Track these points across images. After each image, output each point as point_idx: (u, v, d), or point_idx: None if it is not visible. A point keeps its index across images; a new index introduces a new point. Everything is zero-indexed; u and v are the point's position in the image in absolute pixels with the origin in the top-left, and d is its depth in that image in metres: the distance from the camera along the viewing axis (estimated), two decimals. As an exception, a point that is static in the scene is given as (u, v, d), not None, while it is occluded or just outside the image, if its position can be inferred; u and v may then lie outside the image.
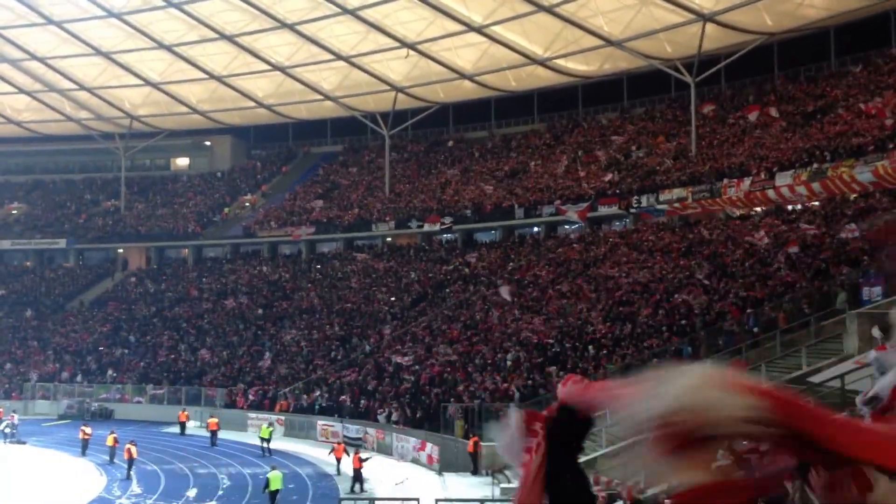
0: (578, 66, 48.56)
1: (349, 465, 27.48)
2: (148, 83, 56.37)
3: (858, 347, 20.82)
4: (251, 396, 40.84)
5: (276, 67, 52.75)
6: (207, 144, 67.23)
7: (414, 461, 30.74)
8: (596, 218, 42.70)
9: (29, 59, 55.07)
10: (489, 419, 29.19)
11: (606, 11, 42.30)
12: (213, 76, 54.56)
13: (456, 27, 45.93)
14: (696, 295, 30.13)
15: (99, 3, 49.12)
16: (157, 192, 65.14)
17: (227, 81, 55.13)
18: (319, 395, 38.19)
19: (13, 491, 27.03)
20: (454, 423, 30.28)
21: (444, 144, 58.60)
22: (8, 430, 37.22)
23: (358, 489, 26.44)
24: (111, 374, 47.08)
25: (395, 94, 52.78)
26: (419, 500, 22.36)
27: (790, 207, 34.89)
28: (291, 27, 48.52)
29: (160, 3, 48.06)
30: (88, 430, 34.18)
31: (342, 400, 36.81)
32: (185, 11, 48.36)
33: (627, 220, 42.14)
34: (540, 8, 42.65)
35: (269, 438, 33.61)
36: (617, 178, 42.97)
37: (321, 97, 55.49)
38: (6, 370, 49.09)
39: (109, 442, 31.85)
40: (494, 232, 48.55)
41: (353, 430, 34.78)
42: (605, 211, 42.08)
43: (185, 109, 58.92)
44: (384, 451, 32.68)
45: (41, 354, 50.28)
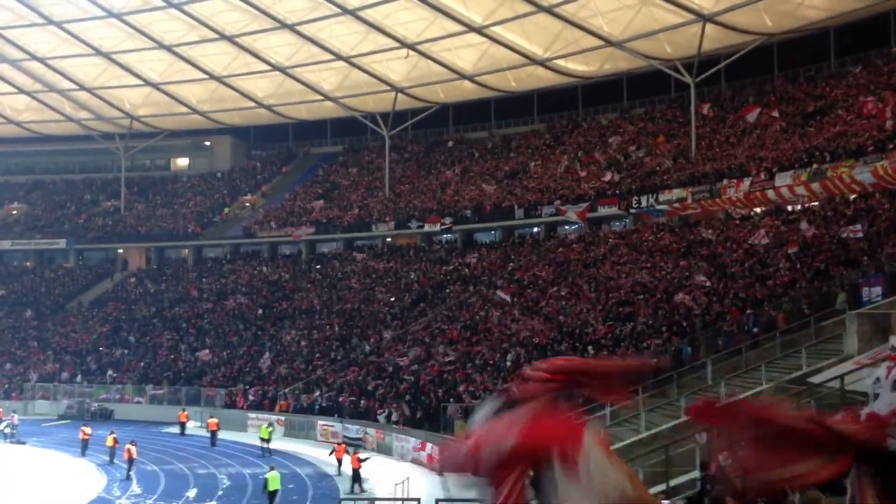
0: (578, 66, 48.56)
1: (350, 465, 27.52)
2: (148, 83, 56.37)
3: (858, 348, 20.80)
4: (251, 397, 40.86)
5: (276, 68, 52.75)
6: (207, 145, 67.23)
7: (414, 461, 30.75)
8: (596, 218, 42.69)
9: (29, 59, 55.07)
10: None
11: (606, 12, 42.29)
12: (213, 76, 54.56)
13: (456, 27, 45.92)
14: (696, 296, 30.14)
15: (99, 3, 49.12)
16: (157, 192, 65.13)
17: (227, 82, 55.13)
18: (319, 395, 38.21)
19: (13, 491, 27.05)
20: (454, 423, 30.30)
21: (443, 145, 58.58)
22: (8, 430, 37.26)
23: (357, 489, 26.46)
24: (111, 374, 47.10)
25: (395, 94, 52.78)
26: (420, 500, 22.36)
27: (790, 208, 34.90)
28: (291, 27, 48.52)
29: (160, 3, 48.05)
30: (88, 430, 34.22)
31: (342, 400, 36.84)
32: (185, 12, 48.36)
33: (627, 220, 42.15)
34: (540, 8, 42.65)
35: (268, 439, 33.64)
36: (617, 178, 42.97)
37: (321, 97, 55.49)
38: (6, 370, 49.12)
39: (109, 442, 31.89)
40: (494, 232, 48.54)
41: (352, 430, 34.80)
42: (604, 211, 42.08)
43: (185, 110, 58.92)
44: (384, 451, 32.70)
45: (41, 355, 50.30)
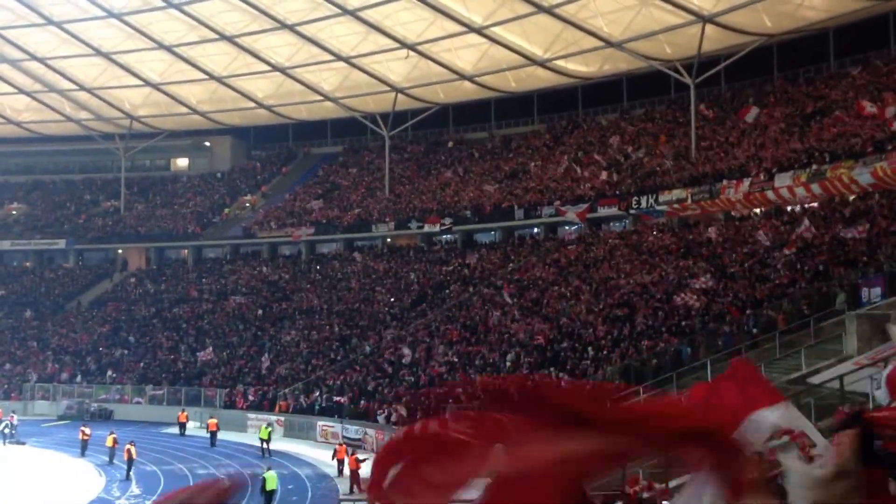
0: (578, 67, 48.56)
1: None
2: (148, 84, 56.36)
3: (858, 348, 20.82)
4: (251, 397, 40.86)
5: (276, 68, 52.74)
6: (207, 145, 67.22)
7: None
8: (595, 219, 42.69)
9: (29, 59, 55.05)
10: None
11: (606, 13, 42.29)
12: (213, 77, 54.56)
13: (456, 28, 45.92)
14: (696, 296, 30.15)
15: (99, 3, 49.10)
16: (156, 192, 65.12)
17: (227, 82, 55.12)
18: (319, 395, 38.20)
19: (13, 491, 27.06)
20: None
21: (443, 145, 58.58)
22: (7, 430, 37.23)
23: (357, 490, 26.45)
24: (111, 374, 47.10)
25: (395, 94, 52.77)
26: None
27: (789, 208, 34.90)
28: (291, 28, 48.51)
29: (160, 3, 48.03)
30: (88, 430, 34.23)
31: (342, 401, 36.82)
32: (185, 12, 48.35)
33: (627, 221, 42.15)
34: (540, 9, 42.64)
35: (268, 439, 33.63)
36: (616, 179, 42.97)
37: (321, 98, 55.48)
38: (6, 370, 49.09)
39: (109, 442, 31.89)
40: (494, 233, 48.53)
41: (352, 430, 34.80)
42: (604, 212, 42.06)
43: (185, 110, 58.91)
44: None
45: (41, 355, 50.28)
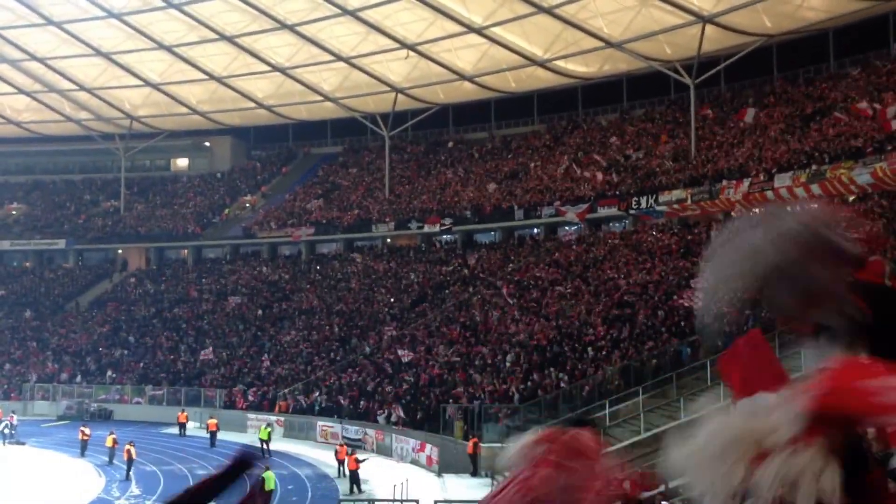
0: (578, 67, 48.58)
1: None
2: (148, 84, 56.38)
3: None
4: (251, 397, 40.87)
5: (276, 68, 52.76)
6: (207, 145, 67.24)
7: (413, 462, 30.76)
8: (595, 219, 42.71)
9: (29, 59, 55.06)
10: (488, 420, 29.27)
11: (606, 13, 42.31)
12: (213, 77, 54.58)
13: (456, 28, 45.94)
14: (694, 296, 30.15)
15: (99, 3, 49.12)
16: (156, 192, 65.14)
17: (227, 82, 55.14)
18: (319, 395, 38.21)
19: (12, 492, 27.07)
20: (454, 424, 30.31)
21: (443, 145, 58.61)
22: (7, 430, 37.23)
23: (356, 491, 26.48)
24: (110, 374, 47.10)
25: (395, 95, 52.79)
26: (419, 501, 22.40)
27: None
28: (291, 28, 48.53)
29: (160, 3, 48.05)
30: (87, 430, 34.20)
31: (342, 401, 36.83)
32: (185, 12, 48.37)
33: (627, 221, 42.17)
34: (540, 9, 42.67)
35: (268, 439, 33.61)
36: (616, 179, 42.98)
37: (321, 98, 55.50)
38: (5, 371, 49.10)
39: (108, 443, 31.88)
40: (494, 233, 48.56)
41: (352, 430, 34.82)
42: (604, 212, 42.08)
43: (184, 110, 58.93)
44: (384, 452, 32.71)
45: (40, 355, 50.29)
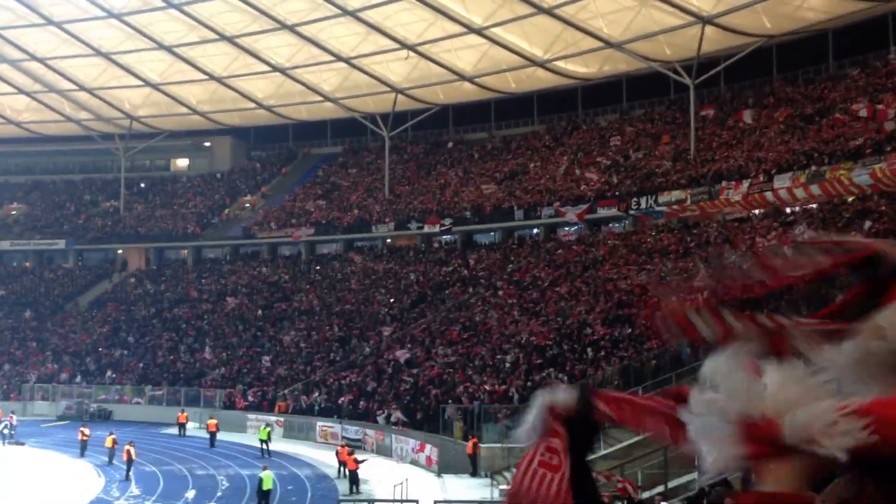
0: (578, 68, 48.60)
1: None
2: (148, 84, 56.39)
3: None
4: (250, 397, 40.88)
5: (276, 68, 52.78)
6: (207, 145, 67.22)
7: (413, 462, 30.77)
8: (595, 220, 42.73)
9: (29, 59, 55.08)
10: (488, 421, 29.27)
11: (606, 13, 42.34)
12: (213, 77, 54.59)
13: (456, 29, 45.96)
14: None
15: (99, 3, 49.13)
16: (156, 192, 65.15)
17: (227, 82, 55.15)
18: (318, 396, 38.22)
19: (12, 492, 27.06)
20: (453, 424, 30.32)
21: (443, 146, 58.61)
22: (6, 430, 37.22)
23: (355, 491, 26.49)
24: (110, 375, 47.10)
25: (395, 95, 52.80)
26: (418, 501, 22.40)
27: (788, 210, 34.94)
28: (292, 28, 48.54)
29: (160, 3, 48.07)
30: (87, 431, 34.19)
31: (341, 401, 36.84)
32: (185, 12, 48.38)
33: (626, 221, 42.18)
34: (540, 10, 42.69)
35: (268, 440, 33.63)
36: (616, 179, 43.00)
37: (321, 98, 55.51)
38: (5, 371, 49.10)
39: (108, 443, 31.86)
40: (494, 234, 48.56)
41: (352, 431, 34.83)
42: (604, 213, 42.11)
43: (184, 110, 58.94)
44: (384, 452, 32.72)
45: (40, 355, 50.30)
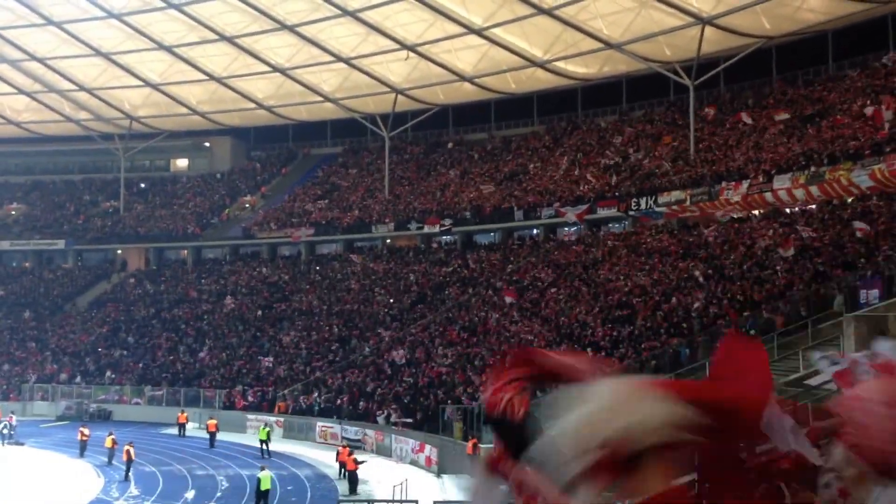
0: (578, 68, 48.62)
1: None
2: (148, 84, 56.41)
3: (856, 350, 20.86)
4: (250, 398, 40.88)
5: (276, 69, 52.79)
6: (207, 145, 67.24)
7: (413, 463, 30.78)
8: (595, 220, 42.75)
9: (29, 59, 55.09)
10: (488, 422, 29.23)
11: (606, 14, 42.36)
12: (213, 77, 54.60)
13: (456, 29, 45.98)
14: (693, 298, 30.18)
15: (99, 3, 49.15)
16: (156, 193, 65.15)
17: (227, 83, 55.17)
18: (318, 396, 38.23)
19: (12, 492, 27.07)
20: (453, 424, 30.33)
21: (443, 146, 58.62)
22: (6, 431, 37.23)
23: (354, 491, 26.49)
24: (110, 375, 47.10)
25: (395, 95, 52.83)
26: (418, 501, 22.41)
27: (787, 210, 34.95)
28: (292, 29, 48.56)
29: (160, 4, 48.08)
30: (87, 431, 34.21)
31: (341, 401, 36.85)
32: (185, 13, 48.40)
33: (626, 222, 42.19)
34: (540, 10, 42.71)
35: (267, 440, 33.64)
36: (616, 180, 43.01)
37: (321, 99, 55.53)
38: (4, 371, 49.09)
39: (108, 443, 31.88)
40: (494, 234, 48.58)
41: (351, 431, 34.83)
42: (603, 213, 42.13)
43: (184, 110, 58.95)
44: (383, 452, 32.73)
45: (39, 355, 50.29)
